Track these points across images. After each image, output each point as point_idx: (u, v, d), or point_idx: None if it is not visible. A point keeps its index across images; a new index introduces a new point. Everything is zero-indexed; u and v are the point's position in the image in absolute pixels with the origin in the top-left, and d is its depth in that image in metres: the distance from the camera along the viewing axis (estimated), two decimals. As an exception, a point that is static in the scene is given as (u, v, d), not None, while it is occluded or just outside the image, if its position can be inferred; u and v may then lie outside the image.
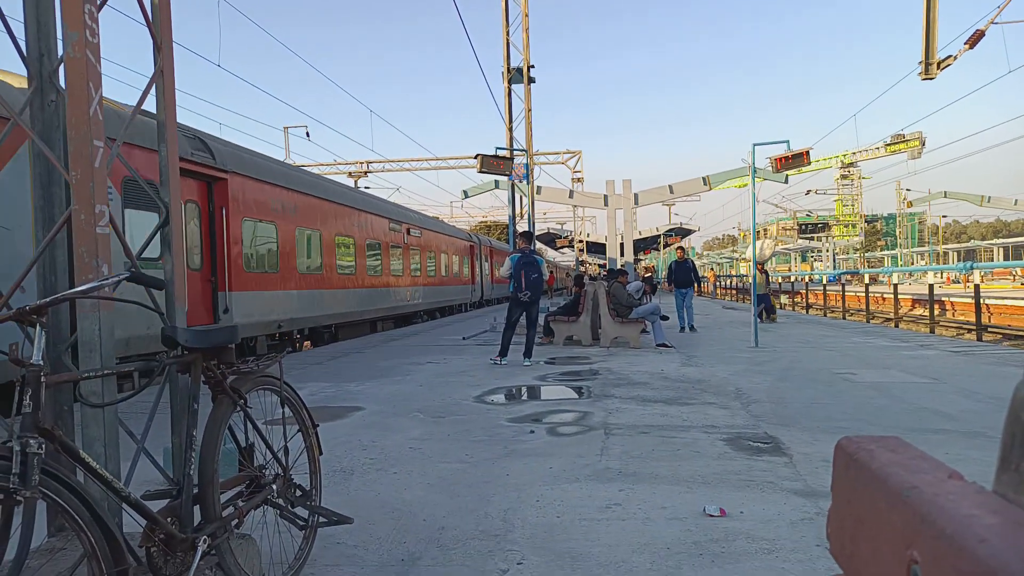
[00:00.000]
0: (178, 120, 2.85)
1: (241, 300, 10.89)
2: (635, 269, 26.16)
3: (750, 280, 19.30)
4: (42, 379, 1.84)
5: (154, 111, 2.84)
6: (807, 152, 12.61)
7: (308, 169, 28.26)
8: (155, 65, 2.76)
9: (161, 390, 2.70)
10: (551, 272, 36.86)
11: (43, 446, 1.77)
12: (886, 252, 71.01)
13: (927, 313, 20.36)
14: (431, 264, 22.98)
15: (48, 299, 1.96)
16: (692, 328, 14.59)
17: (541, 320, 12.03)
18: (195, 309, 9.67)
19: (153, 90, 2.78)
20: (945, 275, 44.38)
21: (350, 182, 37.50)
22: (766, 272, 17.92)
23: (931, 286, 20.20)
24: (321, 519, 2.99)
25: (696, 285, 16.03)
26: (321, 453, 3.13)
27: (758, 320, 16.23)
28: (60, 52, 2.49)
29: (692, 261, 16.02)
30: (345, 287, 15.17)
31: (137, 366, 2.38)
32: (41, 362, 1.84)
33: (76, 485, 1.86)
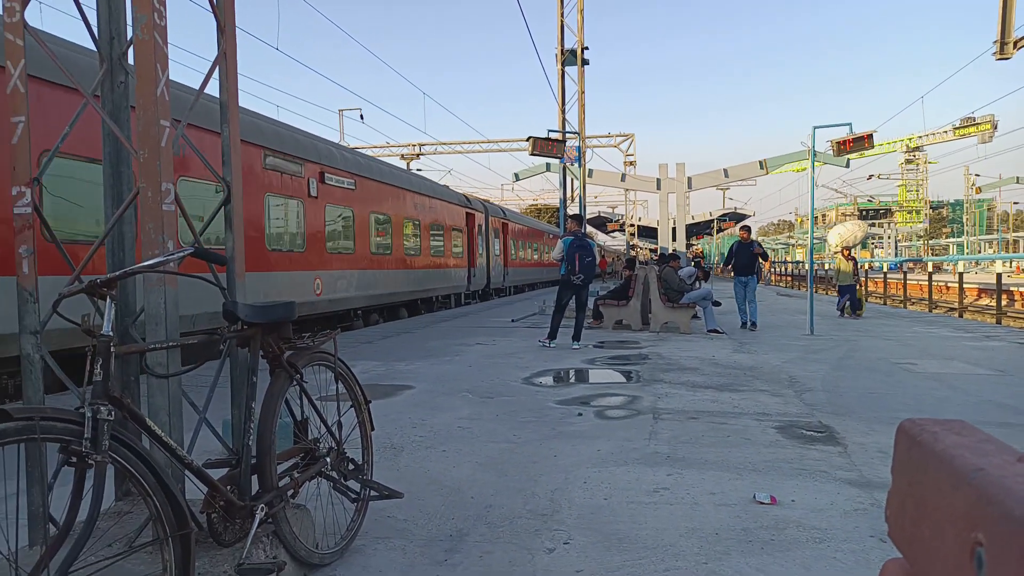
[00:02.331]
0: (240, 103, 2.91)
1: None
2: (686, 255, 25.69)
3: (826, 268, 17.88)
4: (112, 349, 1.92)
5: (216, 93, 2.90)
6: (870, 135, 12.18)
7: (362, 151, 25.93)
8: (218, 47, 2.82)
9: (222, 364, 2.79)
10: (602, 256, 36.33)
11: (113, 413, 1.85)
12: (951, 240, 68.26)
13: (994, 303, 19.56)
14: (382, 237, 15.02)
15: (118, 273, 2.04)
16: (754, 325, 12.33)
17: (590, 304, 11.99)
18: None
19: (216, 72, 2.85)
20: (1015, 264, 42.50)
21: (403, 164, 37.16)
22: (854, 259, 15.43)
23: (999, 275, 19.41)
24: (372, 493, 3.06)
25: (759, 274, 13.25)
26: (373, 429, 3.20)
27: (842, 314, 15.42)
28: (129, 34, 2.57)
29: (759, 243, 13.13)
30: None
31: (200, 340, 2.46)
32: (111, 333, 1.92)
33: (143, 451, 1.94)
